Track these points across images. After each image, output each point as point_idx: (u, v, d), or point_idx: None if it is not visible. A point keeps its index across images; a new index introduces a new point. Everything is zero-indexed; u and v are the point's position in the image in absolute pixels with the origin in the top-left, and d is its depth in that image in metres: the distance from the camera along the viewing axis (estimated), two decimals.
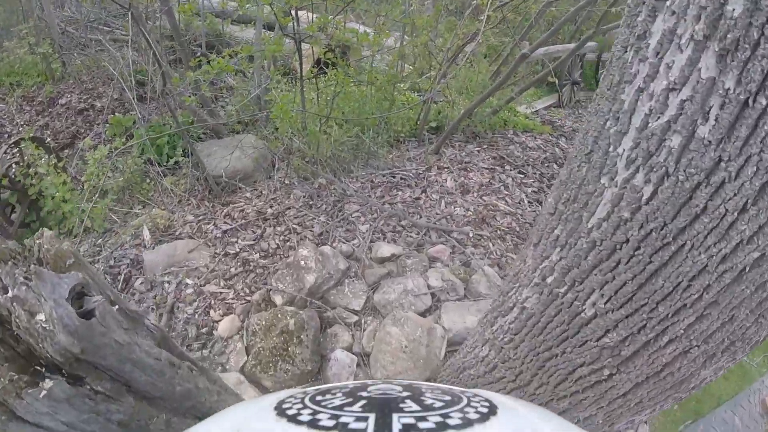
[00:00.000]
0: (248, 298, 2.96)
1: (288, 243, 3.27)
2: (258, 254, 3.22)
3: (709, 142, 0.79)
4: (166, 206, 3.75)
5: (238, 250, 3.26)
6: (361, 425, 0.39)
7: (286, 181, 3.77)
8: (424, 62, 4.85)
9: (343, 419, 0.41)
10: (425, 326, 2.60)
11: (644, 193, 0.92)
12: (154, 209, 3.69)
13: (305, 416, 0.43)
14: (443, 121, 4.77)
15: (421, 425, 0.39)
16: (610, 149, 0.98)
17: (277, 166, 3.88)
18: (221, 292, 3.04)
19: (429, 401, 0.47)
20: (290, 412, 0.45)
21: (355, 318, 2.81)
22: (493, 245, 3.47)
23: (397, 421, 0.40)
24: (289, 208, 3.53)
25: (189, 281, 3.12)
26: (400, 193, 3.86)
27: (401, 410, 0.43)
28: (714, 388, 3.87)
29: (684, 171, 0.84)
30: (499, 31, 5.33)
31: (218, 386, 1.29)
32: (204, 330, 2.86)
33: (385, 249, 3.18)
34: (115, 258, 3.35)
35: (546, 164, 4.80)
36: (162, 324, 2.88)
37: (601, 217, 1.04)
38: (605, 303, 1.12)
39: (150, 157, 4.01)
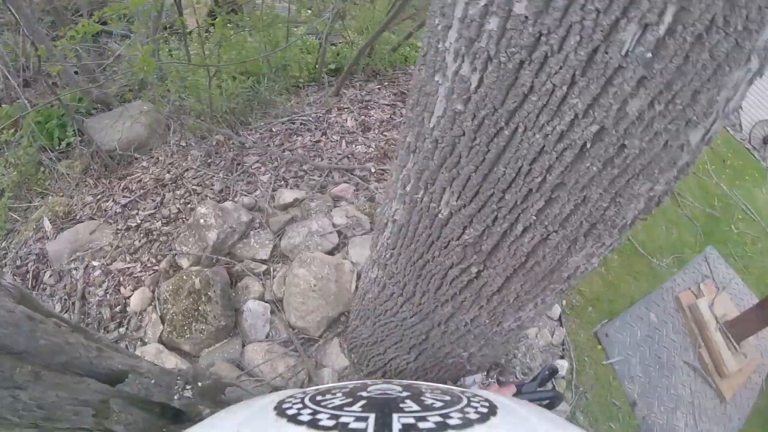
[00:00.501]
0: (156, 267, 2.90)
1: (189, 206, 3.19)
2: (160, 222, 3.13)
3: (526, 17, 0.76)
4: (64, 192, 3.56)
5: (139, 221, 3.16)
6: (361, 425, 0.39)
7: (182, 143, 3.64)
8: (320, 3, 4.73)
9: (343, 419, 0.41)
10: (332, 263, 2.63)
11: (472, 82, 0.91)
12: (51, 197, 3.51)
13: (305, 416, 0.43)
14: (342, 62, 4.68)
15: (421, 425, 0.39)
16: (439, 45, 0.97)
17: (172, 128, 3.74)
18: (128, 267, 2.96)
19: (429, 401, 0.47)
20: (290, 412, 0.45)
21: (264, 267, 2.80)
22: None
23: (397, 421, 0.40)
24: (187, 170, 3.42)
25: (95, 263, 3.02)
26: (300, 138, 3.81)
27: (401, 410, 0.43)
28: (625, 288, 4.06)
29: (505, 52, 0.81)
30: None
31: (99, 344, 1.26)
32: (117, 309, 2.80)
33: (288, 195, 3.15)
34: (21, 257, 3.20)
35: None
36: (76, 312, 2.80)
37: (439, 115, 1.03)
38: (456, 200, 1.12)
39: (41, 144, 3.78)
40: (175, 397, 1.29)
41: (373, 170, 3.47)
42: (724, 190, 6.18)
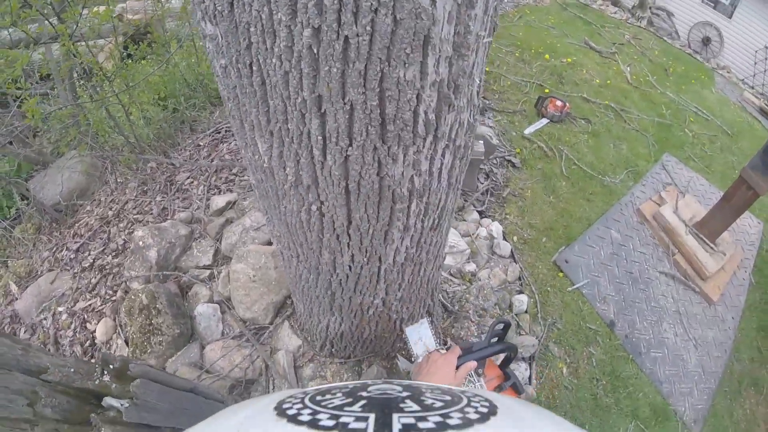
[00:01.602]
0: (114, 298, 2.99)
1: (132, 235, 3.29)
2: (110, 256, 3.22)
3: None
4: (23, 254, 3.68)
5: (92, 261, 3.26)
6: (361, 425, 0.39)
7: (120, 180, 3.74)
8: None
9: (343, 419, 0.41)
10: (268, 252, 2.71)
11: (218, 36, 0.98)
12: (11, 262, 3.62)
13: (305, 416, 0.43)
14: None
15: (421, 425, 0.39)
16: (198, 12, 1.04)
17: (108, 169, 3.84)
18: (90, 304, 3.05)
19: (429, 401, 0.47)
20: (290, 412, 0.45)
21: (209, 272, 2.89)
22: None
23: (397, 421, 0.40)
24: (126, 203, 3.51)
25: (60, 308, 3.12)
26: (225, 145, 3.88)
27: (401, 410, 0.43)
28: (579, 212, 4.02)
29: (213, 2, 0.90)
30: None
31: (26, 347, 1.40)
32: (87, 343, 2.89)
33: (220, 200, 3.24)
34: None
35: None
36: None
37: (219, 75, 1.10)
38: (263, 145, 1.17)
39: None
40: (96, 381, 1.41)
41: None
42: (671, 98, 6.21)
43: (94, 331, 2.91)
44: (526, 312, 3.09)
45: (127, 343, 2.71)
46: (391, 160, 1.13)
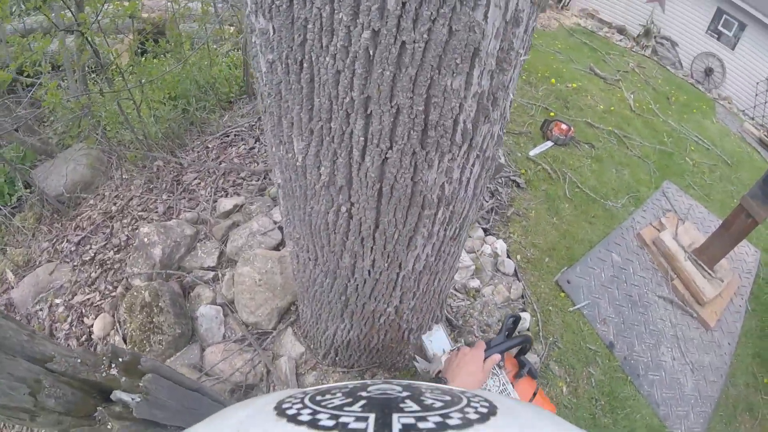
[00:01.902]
0: (113, 294, 2.96)
1: (136, 231, 3.26)
2: (112, 251, 3.19)
3: None
4: (22, 243, 3.64)
5: (93, 255, 3.23)
6: (361, 425, 0.39)
7: (125, 176, 3.71)
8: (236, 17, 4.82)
9: (343, 419, 0.41)
10: (275, 257, 2.69)
11: (270, 31, 0.98)
12: (10, 250, 3.58)
13: (305, 416, 0.43)
14: None
15: (421, 425, 0.39)
16: (247, 10, 1.05)
17: (114, 163, 3.82)
18: (88, 299, 3.02)
19: (429, 401, 0.47)
20: (290, 412, 0.45)
21: (213, 273, 2.87)
22: None
23: (397, 421, 0.40)
24: (131, 199, 3.49)
25: (58, 300, 3.08)
26: (234, 149, 3.89)
27: (401, 410, 0.43)
28: (581, 234, 4.05)
29: None
30: None
31: (32, 333, 1.35)
32: (83, 338, 2.85)
33: (227, 203, 3.23)
34: None
35: None
36: None
37: (263, 70, 1.10)
38: (300, 142, 1.18)
39: None
40: (103, 374, 1.38)
41: None
42: (673, 126, 6.29)
43: (92, 326, 2.86)
44: (528, 330, 3.09)
45: (125, 341, 2.67)
46: (426, 166, 1.14)
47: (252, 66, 1.20)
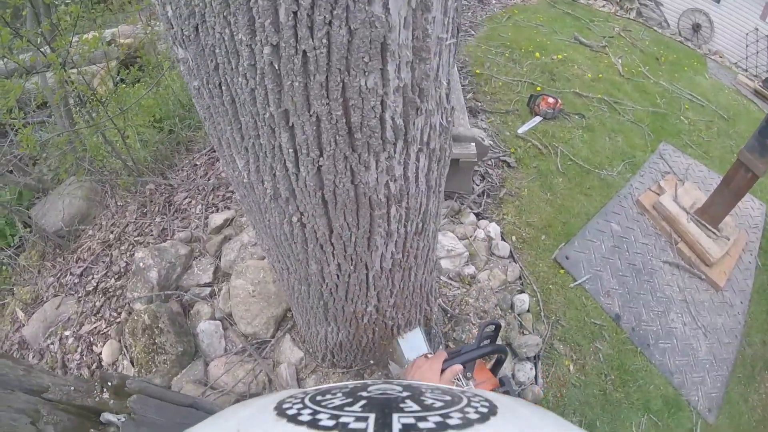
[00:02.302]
0: (118, 320, 3.03)
1: (134, 256, 3.33)
2: (113, 279, 3.26)
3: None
4: (29, 281, 3.73)
5: (95, 284, 3.30)
6: (361, 425, 0.39)
7: (120, 203, 3.78)
8: None
9: (343, 419, 0.41)
10: (266, 266, 2.73)
11: (189, 60, 1.02)
12: (17, 289, 3.68)
13: (305, 416, 0.43)
14: None
15: (421, 425, 0.39)
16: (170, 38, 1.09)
17: (108, 192, 3.89)
18: (95, 327, 3.09)
19: (429, 401, 0.47)
20: (290, 412, 0.45)
21: (209, 289, 2.92)
22: None
23: (397, 421, 0.40)
24: (127, 225, 3.56)
25: (67, 332, 3.16)
26: (220, 163, 3.92)
27: (401, 410, 0.43)
28: (577, 207, 4.01)
29: (182, 27, 0.94)
30: None
31: (28, 368, 1.46)
32: (94, 366, 2.93)
33: (218, 218, 3.28)
34: (5, 350, 3.36)
35: None
36: None
37: (193, 94, 1.15)
38: (241, 161, 1.20)
39: None
40: (96, 399, 1.45)
41: None
42: (665, 86, 6.21)
43: (101, 354, 2.94)
44: (528, 311, 3.08)
45: (132, 364, 2.74)
46: (363, 168, 1.14)
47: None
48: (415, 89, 1.02)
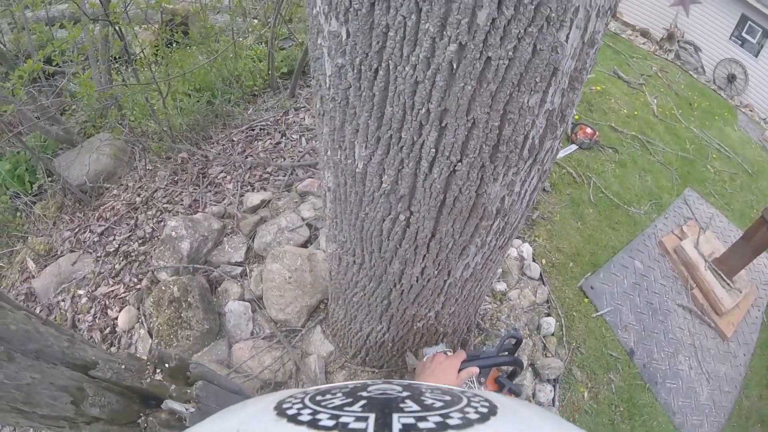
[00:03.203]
0: (138, 286, 2.94)
1: (162, 224, 3.24)
2: (136, 243, 3.18)
3: None
4: (43, 232, 3.63)
5: (117, 246, 3.21)
6: (361, 425, 0.39)
7: (149, 167, 3.70)
8: (259, 9, 4.78)
9: (343, 419, 0.41)
10: (304, 254, 2.68)
11: (342, 35, 0.94)
12: (31, 239, 3.57)
13: (305, 416, 0.43)
14: (293, 65, 4.71)
15: (421, 425, 0.39)
16: (313, 10, 1.02)
17: (137, 154, 3.81)
18: (112, 291, 3.00)
19: (429, 401, 0.47)
20: (290, 412, 0.45)
21: (240, 269, 2.85)
22: None
23: (397, 421, 0.40)
24: (156, 191, 3.48)
25: (81, 291, 3.07)
26: (260, 143, 3.87)
27: (401, 410, 0.43)
28: (605, 240, 4.06)
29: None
30: None
31: (71, 338, 1.32)
32: (107, 330, 2.84)
33: (255, 198, 3.21)
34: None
35: None
36: None
37: (329, 74, 1.08)
38: (365, 151, 1.17)
39: (15, 191, 3.86)
40: (148, 380, 1.34)
41: None
42: (695, 133, 6.25)
43: (116, 319, 2.85)
44: (552, 335, 3.08)
45: (150, 334, 2.66)
46: (492, 179, 1.14)
47: (313, 68, 1.17)
48: (558, 115, 1.04)
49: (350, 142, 1.20)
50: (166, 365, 1.40)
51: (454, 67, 0.87)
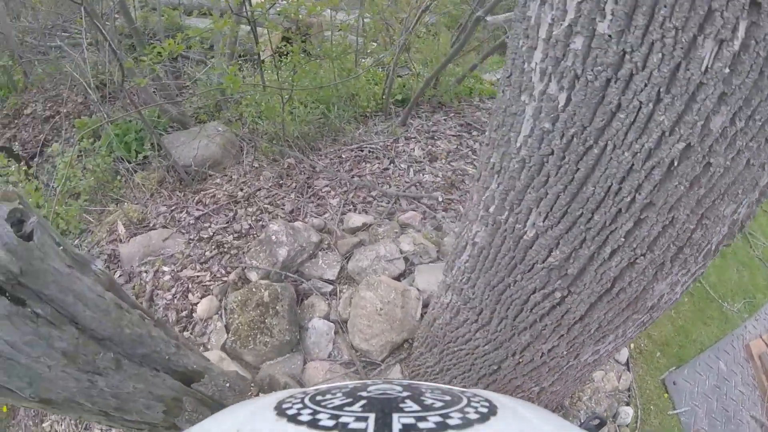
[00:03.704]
0: (224, 278, 2.98)
1: (260, 223, 3.29)
2: (231, 236, 3.23)
3: (610, 36, 0.80)
4: (139, 200, 3.75)
5: (211, 233, 3.28)
6: (361, 425, 0.39)
7: (255, 164, 3.77)
8: (382, 33, 4.84)
9: (343, 419, 0.41)
10: (399, 289, 2.63)
11: (560, 101, 0.93)
12: (127, 204, 3.69)
13: (305, 416, 0.43)
14: (408, 93, 4.78)
15: (421, 425, 0.39)
16: (525, 66, 1.00)
17: (245, 150, 3.89)
18: (198, 276, 3.05)
19: (429, 401, 0.47)
20: (290, 412, 0.45)
21: (330, 287, 2.84)
22: (464, 208, 3.49)
23: (397, 421, 0.40)
24: (259, 189, 3.54)
25: (166, 268, 3.14)
26: (368, 165, 3.89)
27: (401, 410, 0.43)
28: (695, 333, 3.87)
29: (591, 70, 0.84)
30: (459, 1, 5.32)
31: (177, 341, 1.30)
32: (184, 313, 2.88)
33: (357, 219, 3.21)
34: (93, 256, 3.35)
35: None
36: None
37: (526, 134, 1.05)
38: (543, 221, 1.12)
39: (119, 155, 4.02)
40: None
41: (440, 199, 3.49)
42: None
43: (195, 304, 2.88)
44: (627, 425, 2.91)
45: (227, 329, 2.67)
46: (663, 277, 1.13)
47: (499, 121, 1.14)
48: (738, 225, 1.07)
49: (527, 208, 1.16)
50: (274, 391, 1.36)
51: (675, 164, 0.88)
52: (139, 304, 1.18)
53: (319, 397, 0.49)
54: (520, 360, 1.60)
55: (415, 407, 0.44)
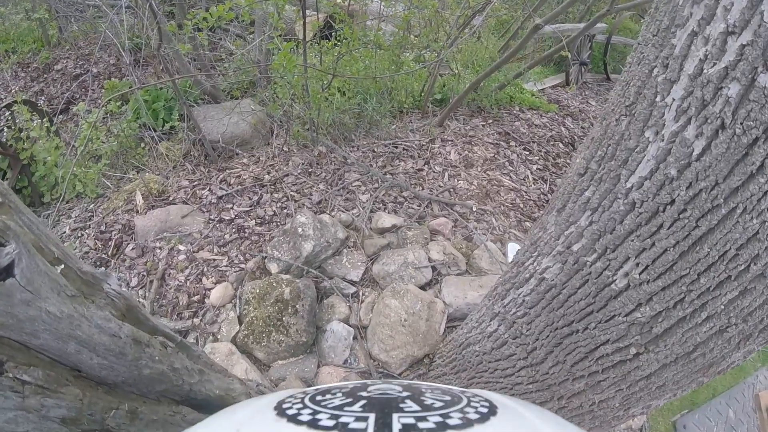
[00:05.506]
0: (242, 265, 2.87)
1: (285, 210, 3.17)
2: (254, 221, 3.12)
3: None
4: (161, 171, 3.64)
5: (233, 216, 3.16)
6: (361, 425, 0.39)
7: (285, 148, 3.65)
8: (430, 32, 4.71)
9: (343, 419, 0.41)
10: (426, 300, 2.52)
11: (695, 148, 0.81)
12: (148, 174, 3.58)
13: (305, 416, 0.43)
14: (447, 94, 4.65)
15: (421, 425, 0.39)
16: (657, 99, 0.87)
17: (275, 132, 3.77)
18: (215, 259, 2.94)
19: (429, 401, 0.47)
20: (290, 412, 0.45)
21: (353, 289, 2.72)
22: (497, 221, 3.38)
23: (397, 421, 0.40)
24: (287, 175, 3.42)
25: (182, 247, 3.02)
26: (402, 163, 3.76)
27: (401, 410, 0.43)
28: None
29: (741, 124, 0.73)
30: (509, 5, 5.20)
31: (200, 364, 1.18)
32: (195, 298, 2.77)
33: (386, 219, 3.08)
34: (106, 223, 3.24)
35: (551, 143, 4.69)
36: (152, 291, 2.77)
37: (643, 176, 0.93)
38: (640, 273, 1.00)
39: (145, 122, 3.90)
40: None
41: (474, 209, 3.36)
42: None
43: (209, 290, 2.77)
44: None
45: (239, 320, 2.56)
46: (744, 346, 1.07)
47: (609, 156, 1.02)
48: None
49: (624, 256, 1.06)
50: None
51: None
52: (160, 325, 1.02)
53: (319, 397, 0.49)
54: (566, 405, 1.50)
55: (415, 407, 0.44)
